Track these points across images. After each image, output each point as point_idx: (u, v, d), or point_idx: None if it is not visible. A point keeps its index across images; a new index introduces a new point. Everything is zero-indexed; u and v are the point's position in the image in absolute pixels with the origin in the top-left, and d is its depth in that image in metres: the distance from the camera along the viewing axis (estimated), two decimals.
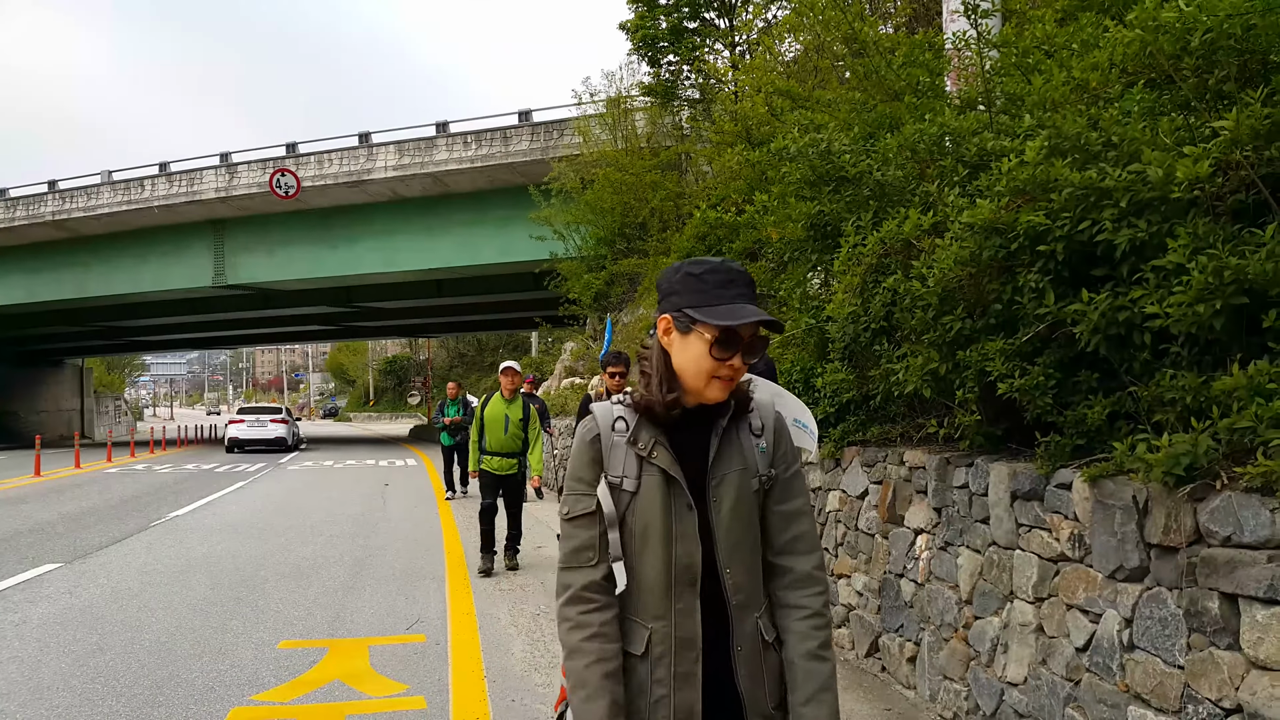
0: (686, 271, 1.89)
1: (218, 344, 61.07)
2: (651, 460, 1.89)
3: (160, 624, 6.58)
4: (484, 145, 23.61)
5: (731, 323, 1.79)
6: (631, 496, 1.90)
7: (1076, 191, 3.35)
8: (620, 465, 1.91)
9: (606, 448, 1.93)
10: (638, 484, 1.90)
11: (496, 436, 8.59)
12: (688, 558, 1.88)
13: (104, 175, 28.21)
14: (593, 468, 1.93)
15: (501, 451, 8.61)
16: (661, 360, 1.91)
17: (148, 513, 13.21)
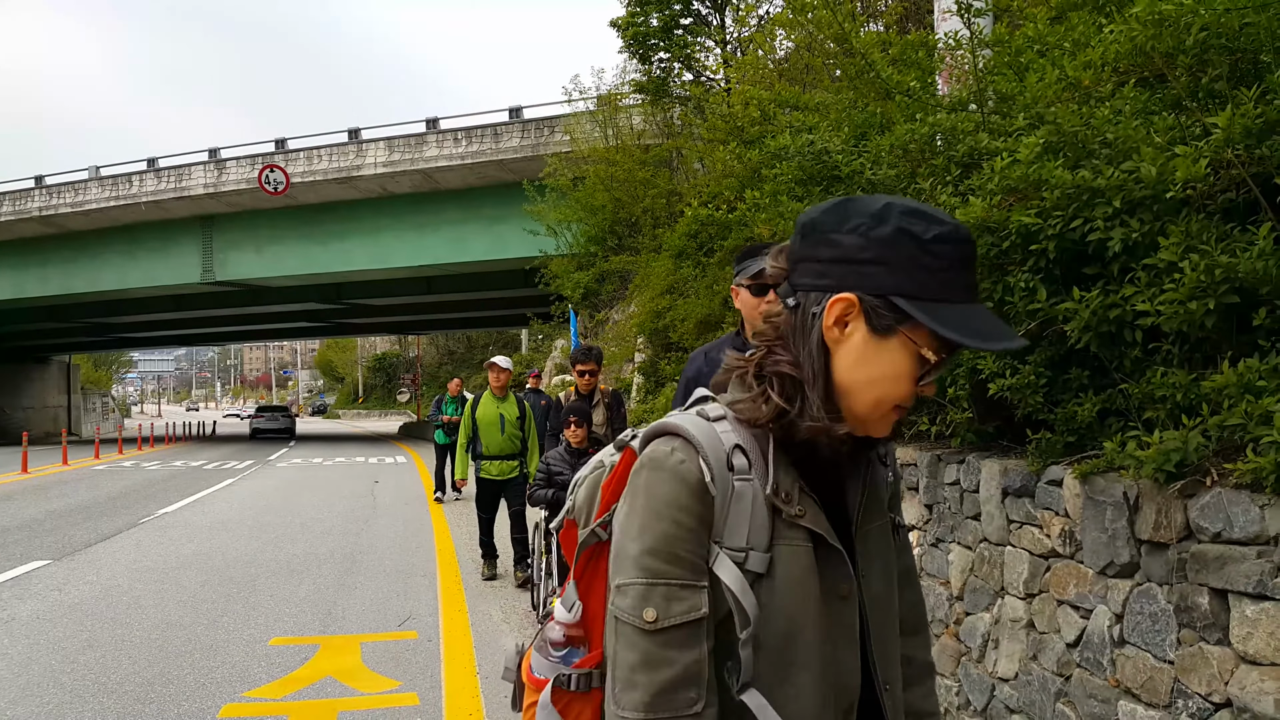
0: (902, 228, 1.15)
1: (206, 341, 60.87)
2: (798, 520, 1.20)
3: (151, 621, 6.56)
4: (474, 142, 23.56)
5: (990, 345, 1.16)
6: (758, 582, 1.19)
7: (1068, 190, 3.38)
8: (744, 529, 1.19)
9: (723, 500, 1.19)
10: (769, 560, 1.19)
11: (493, 439, 8.04)
12: (848, 676, 1.25)
13: (92, 171, 28.04)
14: (698, 536, 1.18)
15: (501, 454, 8.07)
16: (820, 361, 1.19)
17: (136, 510, 13.16)
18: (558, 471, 6.27)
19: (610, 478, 1.36)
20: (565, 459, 6.35)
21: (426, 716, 4.63)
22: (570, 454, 6.35)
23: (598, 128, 18.68)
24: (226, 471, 20.59)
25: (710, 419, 1.24)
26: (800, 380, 1.21)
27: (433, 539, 10.33)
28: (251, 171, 25.32)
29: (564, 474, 6.27)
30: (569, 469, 6.27)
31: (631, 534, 1.20)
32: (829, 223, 1.21)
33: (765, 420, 1.22)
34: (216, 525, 11.54)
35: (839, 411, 1.20)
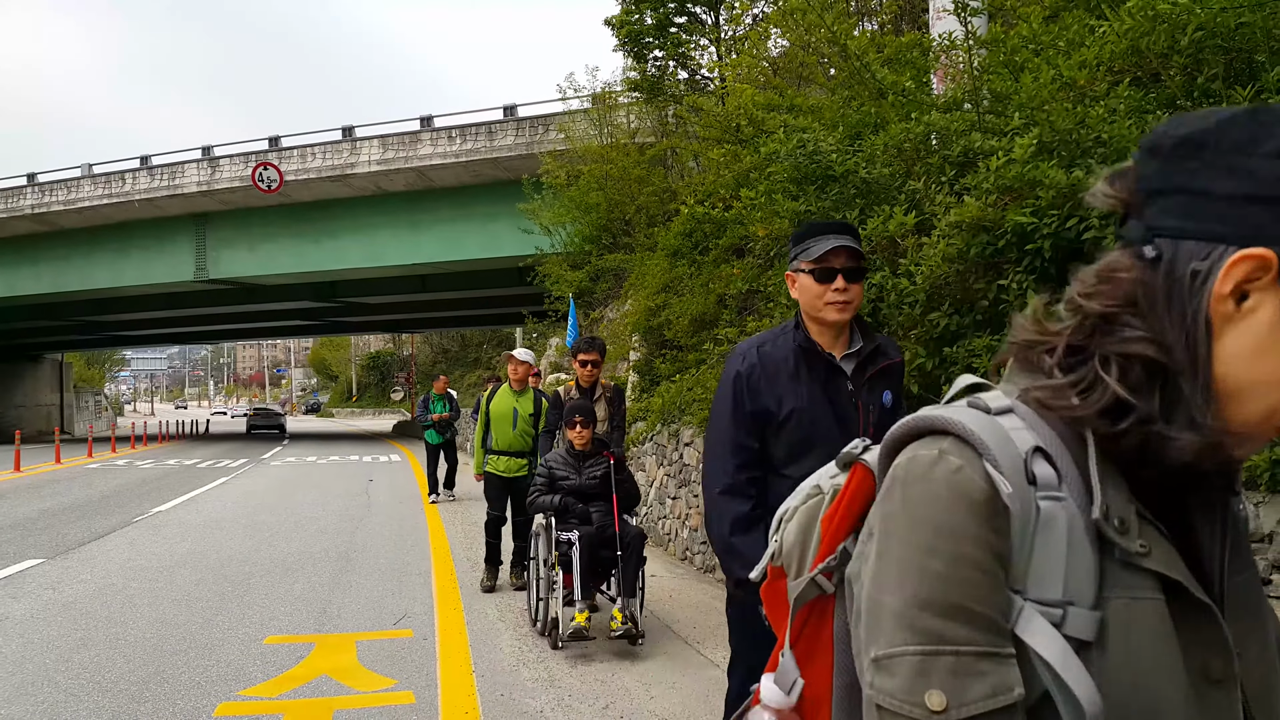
0: None
1: (199, 339, 60.70)
2: (1141, 562, 0.81)
3: (145, 619, 6.55)
4: (468, 140, 23.53)
5: None
6: (1086, 653, 0.79)
7: (1063, 189, 3.39)
8: (1058, 572, 0.80)
9: (1023, 526, 0.80)
10: (1099, 620, 0.79)
11: (504, 434, 7.72)
12: None
13: (84, 168, 27.96)
14: (993, 578, 0.80)
15: (510, 450, 7.72)
16: (1205, 344, 0.81)
17: (130, 508, 13.13)
18: (562, 476, 6.01)
19: (835, 506, 1.00)
20: (568, 461, 6.07)
21: (422, 715, 4.63)
22: (573, 456, 6.08)
23: (592, 126, 18.67)
24: (220, 470, 20.55)
25: (991, 411, 0.85)
26: (1166, 368, 0.82)
27: (427, 537, 10.32)
28: (245, 169, 25.27)
29: (569, 478, 6.01)
30: (573, 472, 6.04)
31: (889, 581, 0.83)
32: (1233, 139, 0.79)
33: (1088, 417, 0.83)
34: (211, 524, 11.51)
35: (1223, 418, 0.81)
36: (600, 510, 5.94)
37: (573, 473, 6.03)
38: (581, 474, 6.03)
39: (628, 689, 5.01)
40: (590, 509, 5.95)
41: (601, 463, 6.07)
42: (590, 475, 6.04)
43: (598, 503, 5.98)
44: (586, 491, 6.01)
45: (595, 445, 6.14)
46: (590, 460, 6.10)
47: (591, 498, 6.00)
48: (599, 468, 6.04)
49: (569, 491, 5.99)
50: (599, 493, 5.97)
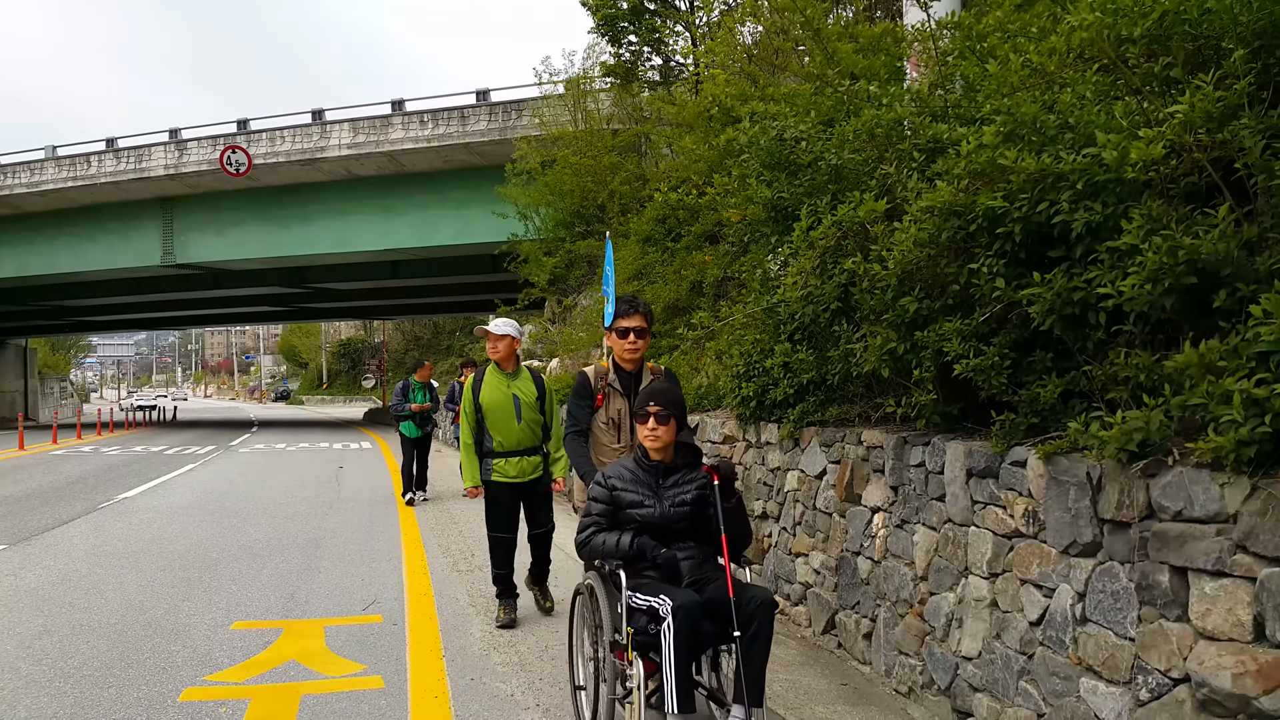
0: None
1: (166, 325, 60.03)
2: None
3: (110, 606, 6.46)
4: (441, 125, 23.33)
5: None
6: None
7: (1033, 174, 3.40)
8: None
9: None
10: None
11: (507, 428, 5.95)
12: None
13: (48, 151, 27.47)
14: None
15: (520, 448, 5.98)
16: None
17: (95, 495, 12.96)
18: (632, 501, 3.94)
19: None
20: (638, 478, 4.00)
21: (391, 699, 4.60)
22: (646, 470, 4.01)
23: (566, 112, 18.57)
24: (188, 457, 20.33)
25: None
26: None
27: (398, 523, 10.26)
28: (213, 152, 24.92)
29: (642, 505, 3.93)
30: (649, 496, 3.95)
31: None
32: None
33: None
34: (178, 510, 11.38)
35: None
36: (694, 557, 3.89)
37: (648, 496, 3.95)
38: (661, 498, 3.94)
39: None
40: (678, 554, 3.87)
41: (693, 480, 3.97)
42: (676, 500, 3.93)
43: (687, 545, 3.92)
44: (670, 526, 3.91)
45: (682, 453, 4.07)
46: (676, 477, 4.01)
47: (676, 535, 3.92)
48: (689, 488, 3.95)
49: (644, 527, 3.91)
50: (689, 528, 3.94)
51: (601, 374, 5.02)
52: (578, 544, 4.01)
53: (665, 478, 3.99)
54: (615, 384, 4.98)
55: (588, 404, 4.98)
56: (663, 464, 4.00)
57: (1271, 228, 2.86)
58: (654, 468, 4.00)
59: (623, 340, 4.88)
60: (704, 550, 3.93)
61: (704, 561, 3.90)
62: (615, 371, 4.99)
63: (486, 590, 6.93)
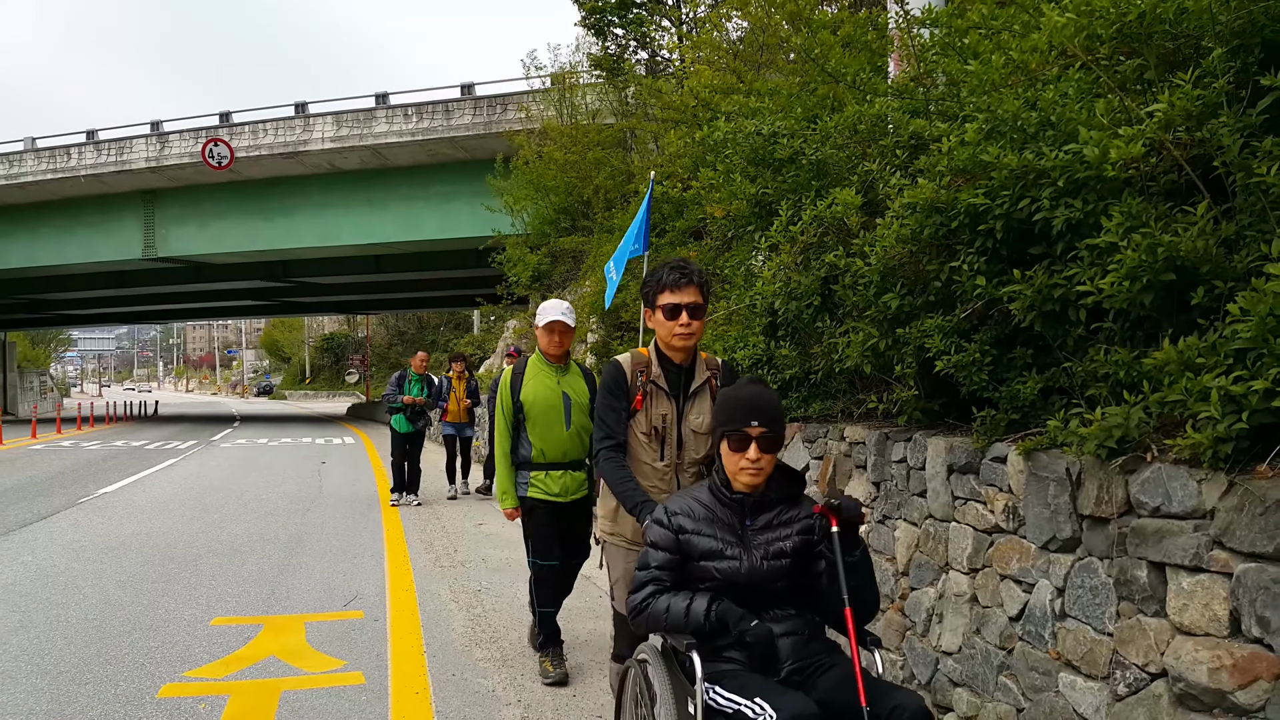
0: None
1: (148, 319, 59.52)
2: None
3: (88, 601, 6.41)
4: (425, 118, 23.25)
5: None
6: None
7: (1015, 171, 3.41)
8: None
9: None
10: None
11: (553, 435, 4.84)
12: None
13: (28, 142, 27.27)
14: None
15: (564, 460, 4.87)
16: None
17: (75, 489, 12.86)
18: (709, 551, 2.85)
19: None
20: (717, 518, 2.91)
21: (372, 695, 4.59)
22: (729, 505, 2.93)
23: (551, 106, 18.54)
24: (169, 451, 20.20)
25: None
26: None
27: (381, 519, 10.23)
28: (195, 145, 24.77)
29: (725, 556, 2.84)
30: (731, 542, 2.87)
31: None
32: None
33: None
34: (158, 505, 11.31)
35: None
36: (795, 631, 2.81)
37: (731, 542, 2.87)
38: (750, 546, 2.87)
39: (580, 667, 5.00)
40: (774, 627, 2.78)
41: (794, 519, 2.93)
42: (771, 550, 2.85)
43: (785, 614, 2.85)
44: (763, 587, 2.84)
45: (776, 481, 2.96)
46: (769, 516, 2.93)
47: (770, 599, 2.85)
48: (788, 531, 2.90)
49: (725, 587, 2.82)
50: (788, 589, 2.87)
51: (641, 365, 3.68)
52: (631, 608, 2.89)
53: (754, 516, 2.88)
54: (660, 380, 3.64)
55: (623, 406, 3.64)
56: (750, 497, 2.88)
57: (1249, 225, 2.88)
58: (738, 502, 2.89)
59: (671, 321, 3.53)
60: (807, 620, 2.86)
61: (810, 638, 2.81)
62: (660, 363, 3.66)
63: (469, 586, 6.92)
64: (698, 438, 3.64)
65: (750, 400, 2.88)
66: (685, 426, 3.60)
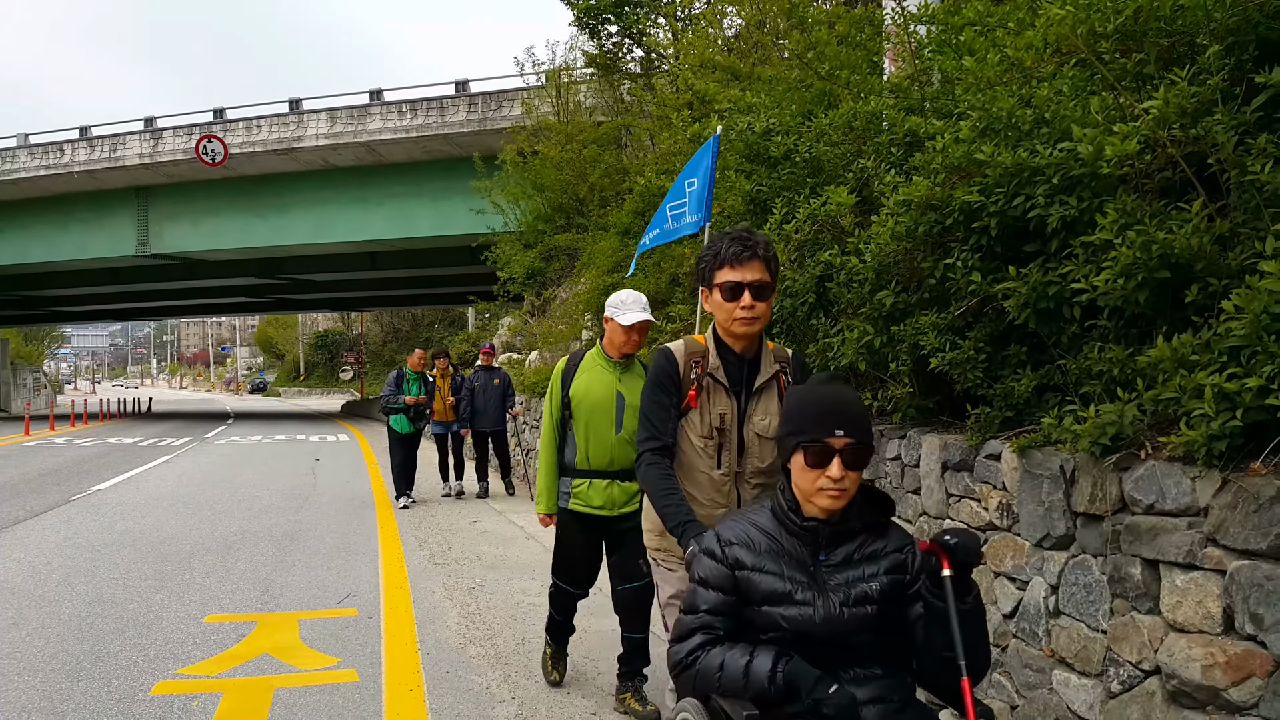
0: None
1: (141, 315, 59.27)
2: None
3: (81, 599, 6.39)
4: (419, 115, 23.20)
5: None
6: None
7: (1010, 168, 3.41)
8: None
9: None
10: None
11: (601, 437, 4.25)
12: None
13: (20, 138, 27.12)
14: None
15: (614, 469, 4.26)
16: None
17: (68, 487, 12.81)
18: (775, 593, 2.29)
19: None
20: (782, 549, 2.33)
21: (366, 693, 4.58)
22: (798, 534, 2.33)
23: (546, 103, 18.50)
24: (163, 449, 20.14)
25: None
26: None
27: (375, 516, 10.21)
28: (189, 141, 24.68)
29: (795, 600, 2.28)
30: (808, 586, 2.30)
31: None
32: None
33: None
34: (151, 502, 11.27)
35: None
36: (884, 698, 2.25)
37: (802, 583, 2.30)
38: (825, 587, 2.30)
39: (574, 664, 5.00)
40: (856, 688, 2.23)
41: (881, 553, 2.36)
42: (854, 594, 2.29)
43: (870, 674, 2.30)
44: (846, 640, 2.29)
45: (860, 504, 2.36)
46: (849, 548, 2.35)
47: (852, 655, 2.31)
48: (874, 569, 2.33)
49: (795, 639, 2.28)
50: (873, 642, 2.32)
51: (696, 355, 3.08)
52: (675, 662, 2.35)
53: (830, 549, 2.27)
54: (719, 373, 3.04)
55: (673, 403, 3.07)
56: (826, 525, 2.26)
57: (1243, 223, 2.88)
58: (810, 531, 2.28)
59: (731, 303, 2.92)
60: (897, 682, 2.29)
61: (902, 707, 2.24)
62: (719, 354, 3.06)
63: (463, 583, 6.91)
64: (762, 443, 3.03)
65: (831, 403, 2.26)
66: (748, 428, 3.02)
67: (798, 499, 2.31)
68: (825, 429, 2.21)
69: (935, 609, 2.19)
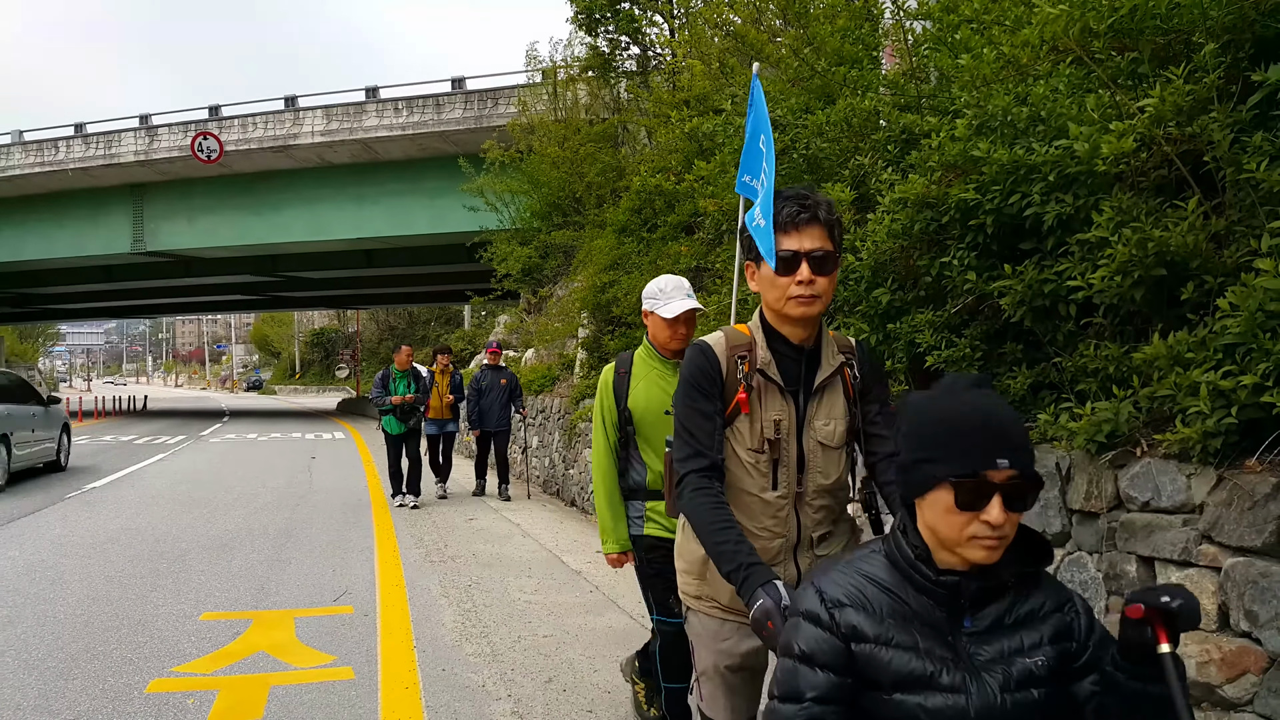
0: None
1: (137, 313, 59.20)
2: None
3: (76, 596, 6.38)
4: (416, 112, 23.17)
5: None
6: None
7: (1006, 166, 3.41)
8: None
9: None
10: None
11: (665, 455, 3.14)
12: None
13: (14, 135, 27.04)
14: None
15: None
16: None
17: (63, 484, 12.79)
18: (910, 676, 1.60)
19: None
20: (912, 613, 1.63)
21: (362, 690, 4.57)
22: (931, 591, 1.63)
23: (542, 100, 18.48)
24: (158, 446, 20.11)
25: None
26: None
27: (371, 514, 10.20)
28: (184, 139, 24.63)
29: (938, 684, 1.59)
30: (953, 665, 1.61)
31: None
32: None
33: None
34: (147, 500, 11.26)
35: None
36: None
37: (942, 659, 1.61)
38: (974, 664, 1.61)
39: (571, 662, 5.00)
40: None
41: (1041, 614, 1.67)
42: (1017, 673, 1.61)
43: None
44: None
45: (1011, 551, 1.62)
46: (997, 610, 1.65)
47: None
48: (1038, 639, 1.64)
49: None
50: None
51: (741, 348, 2.39)
52: None
53: (976, 611, 1.65)
54: (771, 369, 2.35)
55: (716, 409, 2.37)
56: (970, 579, 1.63)
57: (1239, 221, 2.89)
58: (948, 589, 1.64)
59: (786, 277, 2.28)
60: None
61: None
62: (770, 344, 2.37)
63: (459, 581, 6.90)
64: (826, 454, 2.37)
65: (987, 422, 1.58)
66: (808, 436, 2.35)
67: (925, 544, 1.65)
68: (982, 458, 1.55)
69: (1122, 690, 1.59)
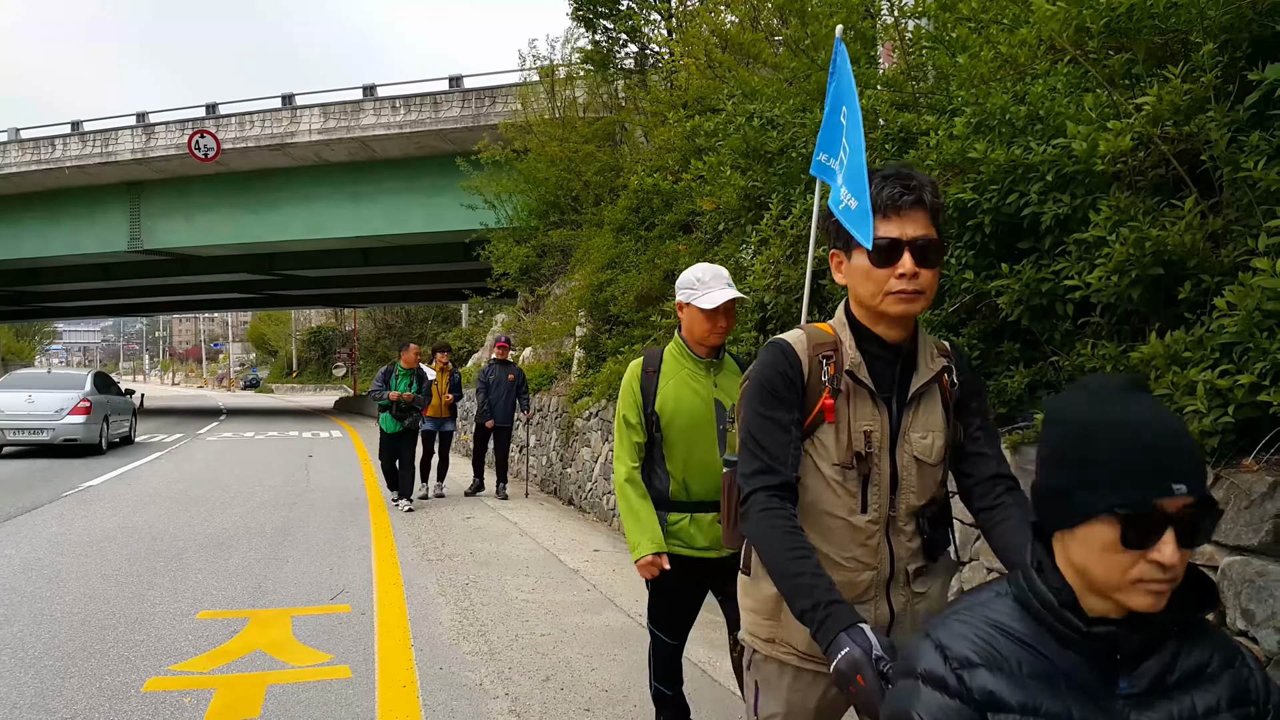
0: None
1: (133, 311, 59.21)
2: None
3: (72, 595, 6.37)
4: (413, 110, 23.16)
5: None
6: None
7: (1003, 165, 3.42)
8: None
9: None
10: None
11: (701, 461, 3.34)
12: None
13: (11, 133, 27.00)
14: None
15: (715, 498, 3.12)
16: None
17: (60, 482, 12.76)
18: None
19: None
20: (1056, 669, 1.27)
21: (359, 689, 4.57)
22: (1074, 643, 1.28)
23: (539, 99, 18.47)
24: (155, 445, 20.10)
25: None
26: None
27: (368, 512, 10.19)
28: (181, 137, 24.61)
29: None
30: None
31: None
32: None
33: None
34: (143, 498, 11.24)
35: None
36: None
37: None
38: None
39: (569, 661, 5.00)
40: None
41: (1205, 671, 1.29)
42: None
43: None
44: None
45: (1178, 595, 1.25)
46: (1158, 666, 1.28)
47: None
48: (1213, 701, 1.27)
49: None
50: None
51: (825, 348, 2.04)
52: None
53: (1134, 666, 1.29)
54: (861, 372, 2.01)
55: (794, 419, 2.02)
56: (1127, 630, 1.27)
57: (1236, 220, 2.89)
58: (1105, 641, 1.28)
59: (885, 269, 1.93)
60: None
61: None
62: (859, 345, 2.03)
63: (456, 580, 6.91)
64: (922, 472, 2.03)
65: (1158, 438, 1.23)
66: (903, 450, 2.01)
67: (1069, 587, 1.31)
68: (1155, 483, 1.21)
69: None
